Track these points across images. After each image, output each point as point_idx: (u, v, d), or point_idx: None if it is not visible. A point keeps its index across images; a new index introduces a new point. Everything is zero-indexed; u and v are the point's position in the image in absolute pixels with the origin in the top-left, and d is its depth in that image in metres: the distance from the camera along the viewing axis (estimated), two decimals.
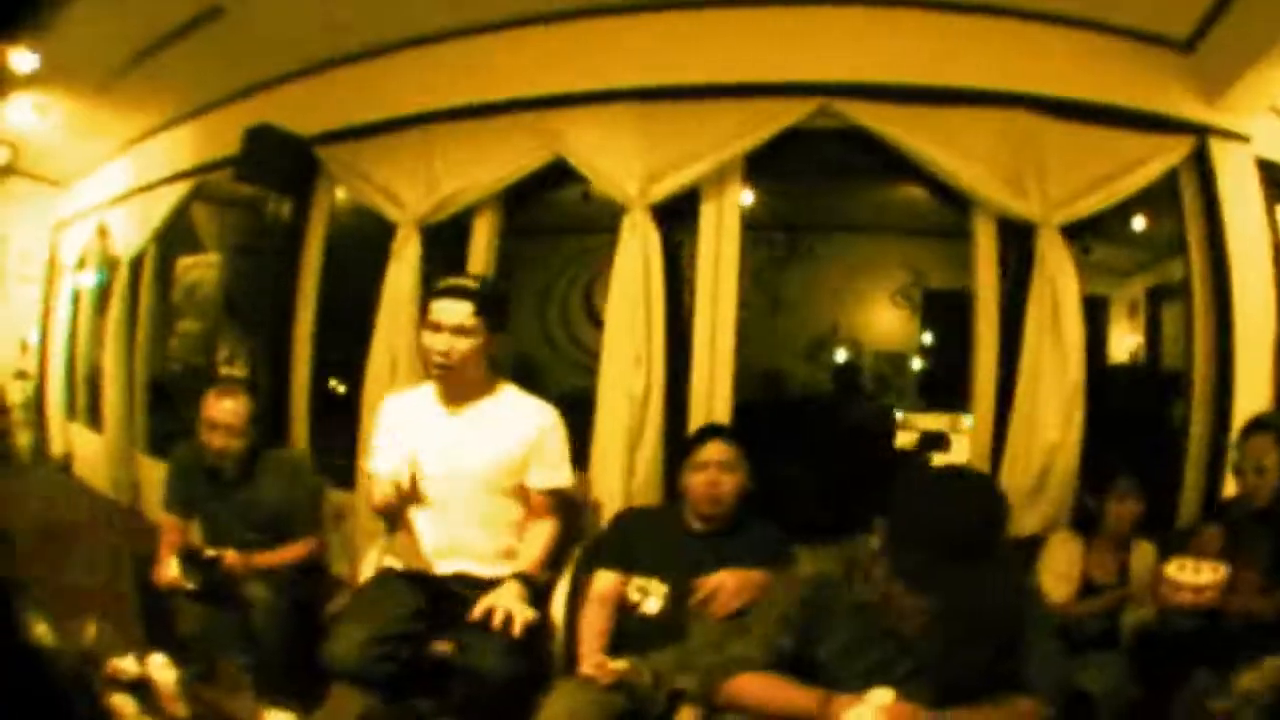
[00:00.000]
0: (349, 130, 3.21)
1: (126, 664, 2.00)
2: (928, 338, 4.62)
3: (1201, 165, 2.54)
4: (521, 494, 1.99)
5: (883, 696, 1.29)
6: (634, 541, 2.00)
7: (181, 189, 3.90)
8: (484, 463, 1.94)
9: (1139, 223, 3.14)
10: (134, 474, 4.26)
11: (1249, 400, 2.38)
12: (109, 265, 4.54)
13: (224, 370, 4.33)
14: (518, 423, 1.98)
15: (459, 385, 1.95)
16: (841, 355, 4.80)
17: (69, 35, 2.98)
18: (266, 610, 2.07)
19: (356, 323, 3.22)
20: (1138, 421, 2.96)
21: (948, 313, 4.21)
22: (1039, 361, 2.37)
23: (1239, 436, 2.12)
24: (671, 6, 2.73)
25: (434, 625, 1.89)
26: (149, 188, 4.10)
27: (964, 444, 3.81)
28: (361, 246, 3.42)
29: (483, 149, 2.90)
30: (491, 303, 1.92)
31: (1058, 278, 2.39)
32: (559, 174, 2.85)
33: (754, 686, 1.41)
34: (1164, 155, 2.49)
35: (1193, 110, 2.55)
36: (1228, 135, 2.53)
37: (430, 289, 1.96)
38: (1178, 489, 2.53)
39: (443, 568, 1.96)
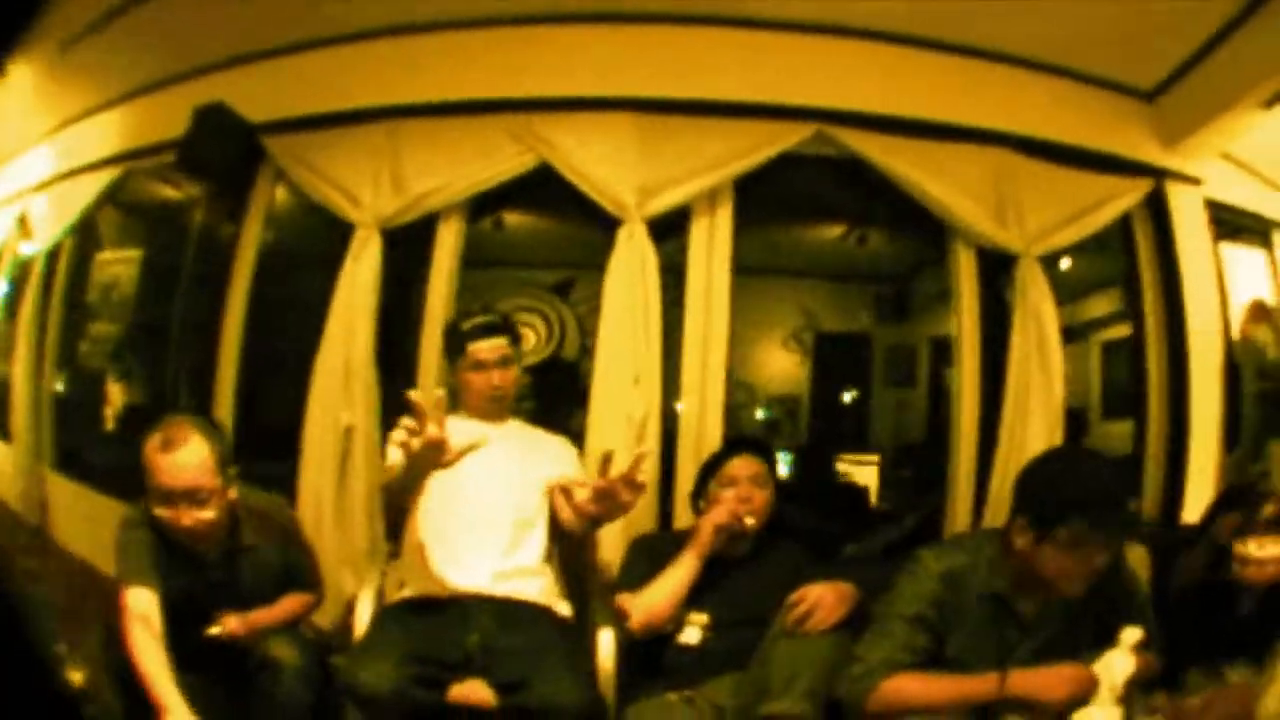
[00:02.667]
0: (301, 120, 2.93)
1: None
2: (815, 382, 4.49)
3: (1156, 206, 2.73)
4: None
5: (1133, 635, 1.35)
6: (660, 567, 1.87)
7: (106, 177, 3.45)
8: (528, 473, 1.95)
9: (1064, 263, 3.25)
10: (43, 491, 3.74)
11: (1203, 426, 2.57)
12: (19, 269, 3.98)
13: (114, 385, 3.85)
14: (552, 450, 2.06)
15: (499, 413, 2.05)
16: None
17: None
18: (295, 673, 1.71)
19: (287, 338, 2.94)
20: None
21: (840, 356, 4.29)
22: (1026, 383, 2.45)
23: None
24: (664, 20, 2.65)
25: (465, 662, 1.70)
26: (71, 174, 3.61)
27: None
28: (293, 257, 3.16)
29: (457, 150, 2.71)
30: (516, 331, 2.08)
31: (1040, 305, 2.49)
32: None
33: (915, 686, 1.42)
34: (1126, 195, 2.66)
35: (1149, 154, 2.74)
36: (1181, 178, 2.73)
37: (456, 330, 2.04)
38: None
39: (473, 589, 1.82)
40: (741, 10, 2.62)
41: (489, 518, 1.88)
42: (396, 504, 1.89)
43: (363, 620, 1.92)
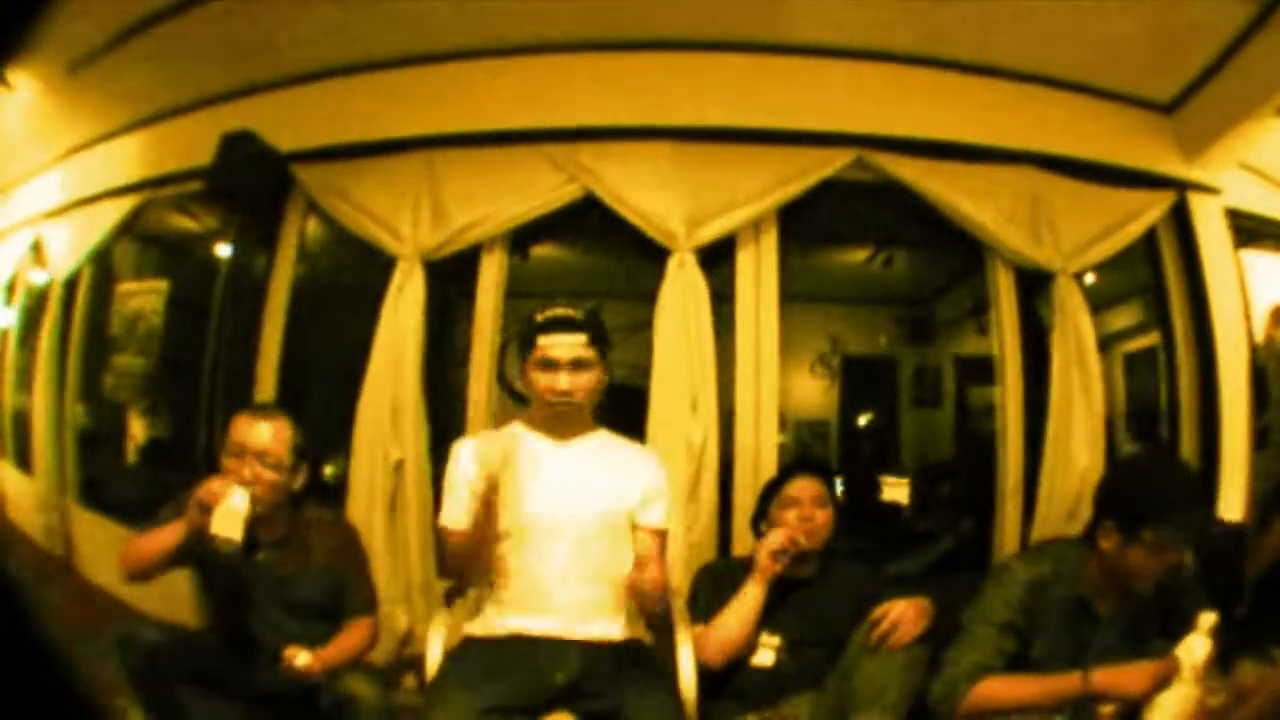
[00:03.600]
0: (331, 149, 2.90)
1: None
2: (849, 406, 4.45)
3: (1179, 216, 2.81)
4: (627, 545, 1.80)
5: (1210, 619, 1.47)
6: (727, 596, 1.90)
7: (125, 205, 3.38)
8: (608, 500, 1.75)
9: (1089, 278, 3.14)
10: (66, 525, 3.70)
11: (1233, 429, 2.68)
12: (32, 297, 3.88)
13: (137, 419, 3.80)
14: (633, 464, 1.83)
15: (571, 423, 1.79)
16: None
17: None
18: (375, 711, 1.69)
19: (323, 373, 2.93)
20: None
21: (866, 379, 4.30)
22: (1069, 395, 2.54)
23: None
24: (699, 48, 2.68)
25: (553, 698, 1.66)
26: (88, 201, 3.53)
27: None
28: (327, 291, 3.11)
29: (498, 180, 2.72)
30: (602, 330, 1.78)
31: (1079, 320, 2.57)
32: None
33: (1002, 688, 1.55)
34: (1153, 208, 2.73)
35: (1171, 166, 2.81)
36: (1202, 188, 2.81)
37: (530, 322, 1.76)
38: None
39: (557, 627, 1.69)
40: (772, 36, 2.65)
41: (566, 552, 1.72)
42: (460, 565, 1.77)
43: (433, 657, 1.84)
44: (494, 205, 2.70)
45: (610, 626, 1.74)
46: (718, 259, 2.65)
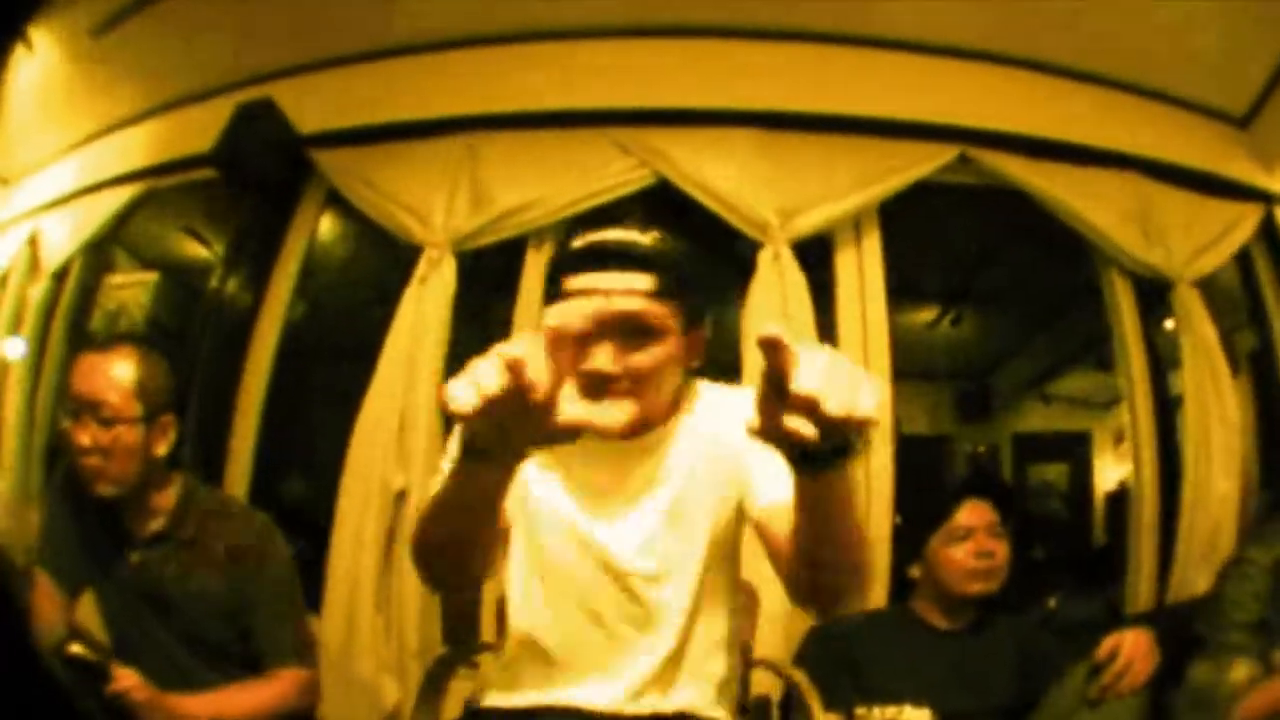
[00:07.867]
0: (359, 132, 2.51)
1: None
2: None
3: (1269, 231, 2.63)
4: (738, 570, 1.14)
5: None
6: (860, 660, 1.52)
7: (128, 194, 2.92)
8: (699, 524, 1.07)
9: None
10: (30, 534, 3.05)
11: None
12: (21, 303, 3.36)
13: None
14: (725, 441, 1.04)
15: (620, 413, 1.01)
16: None
17: None
18: None
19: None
20: None
21: (921, 458, 3.81)
22: (1204, 411, 2.27)
23: None
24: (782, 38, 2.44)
25: None
26: (91, 190, 3.05)
27: None
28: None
29: (553, 163, 2.37)
30: (684, 274, 1.01)
31: (1204, 329, 2.34)
32: None
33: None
34: (1247, 218, 2.56)
35: (1254, 177, 2.66)
36: None
37: (558, 253, 1.07)
38: None
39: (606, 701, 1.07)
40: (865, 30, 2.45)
41: (631, 595, 1.08)
42: (443, 557, 0.99)
43: None
44: (546, 189, 2.33)
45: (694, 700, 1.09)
46: None
